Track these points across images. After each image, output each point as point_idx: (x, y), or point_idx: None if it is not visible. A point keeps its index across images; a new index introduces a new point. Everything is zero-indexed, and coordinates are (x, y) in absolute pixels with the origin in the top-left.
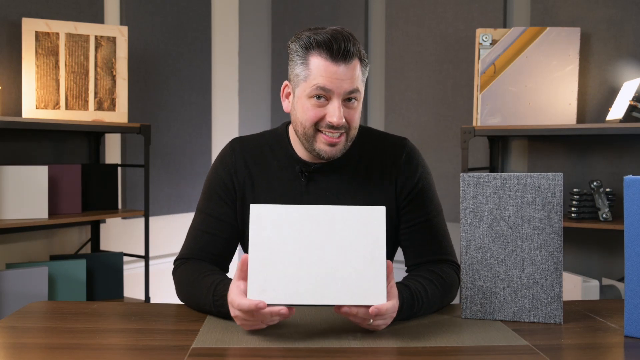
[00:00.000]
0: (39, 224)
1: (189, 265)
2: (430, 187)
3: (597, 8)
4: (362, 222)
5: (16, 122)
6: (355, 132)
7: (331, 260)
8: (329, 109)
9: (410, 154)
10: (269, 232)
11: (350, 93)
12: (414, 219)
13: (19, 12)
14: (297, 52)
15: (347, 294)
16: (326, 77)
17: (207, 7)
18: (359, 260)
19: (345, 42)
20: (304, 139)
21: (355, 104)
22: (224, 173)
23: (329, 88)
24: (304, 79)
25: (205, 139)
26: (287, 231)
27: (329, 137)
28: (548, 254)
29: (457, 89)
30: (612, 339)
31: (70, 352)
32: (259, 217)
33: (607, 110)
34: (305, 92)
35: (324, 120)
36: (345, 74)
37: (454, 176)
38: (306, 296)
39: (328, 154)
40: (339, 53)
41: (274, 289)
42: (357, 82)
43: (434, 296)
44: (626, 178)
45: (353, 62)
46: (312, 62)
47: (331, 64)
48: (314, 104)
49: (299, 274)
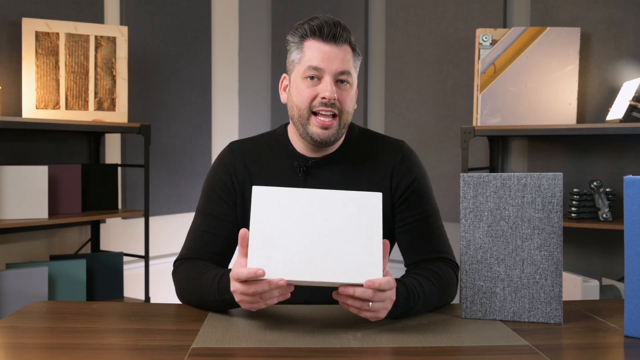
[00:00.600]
0: (39, 224)
1: (191, 264)
2: (426, 189)
3: (597, 8)
4: (360, 206)
5: (16, 122)
6: (348, 118)
7: (329, 240)
8: (321, 87)
9: (406, 155)
10: (270, 212)
11: (342, 74)
12: (409, 217)
13: (19, 12)
14: (294, 42)
15: (344, 272)
16: (317, 57)
17: (207, 7)
18: (356, 240)
19: (335, 26)
20: (299, 123)
21: (347, 86)
22: (223, 174)
23: (321, 67)
24: (298, 62)
25: (205, 139)
26: (287, 212)
27: (322, 120)
28: (548, 254)
29: (457, 89)
30: (612, 339)
31: (70, 352)
32: (261, 197)
33: (607, 110)
34: (299, 73)
35: (317, 99)
36: (336, 55)
37: (454, 176)
38: (304, 273)
39: (321, 137)
40: (329, 34)
41: (273, 266)
42: (348, 65)
43: (431, 292)
44: (626, 178)
45: (344, 46)
46: (306, 46)
47: (322, 44)
48: (307, 84)
49: (297, 252)
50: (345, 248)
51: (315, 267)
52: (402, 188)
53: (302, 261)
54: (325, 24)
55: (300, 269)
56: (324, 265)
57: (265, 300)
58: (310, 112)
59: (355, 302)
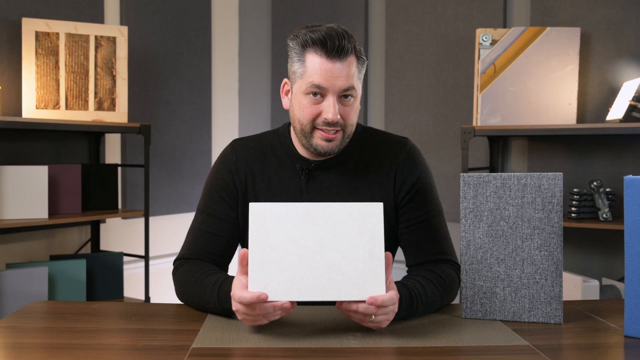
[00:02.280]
0: (39, 224)
1: (191, 265)
2: (430, 187)
3: (597, 8)
4: (360, 218)
5: (16, 122)
6: (352, 129)
7: (330, 256)
8: (324, 106)
9: (410, 153)
10: (269, 230)
11: (346, 90)
12: (413, 219)
13: (19, 12)
14: (295, 49)
15: (347, 289)
16: (321, 75)
17: (207, 7)
18: (357, 256)
19: (340, 39)
20: (302, 135)
21: (351, 100)
22: (225, 172)
23: (324, 86)
24: (300, 76)
25: (205, 139)
26: (286, 229)
27: (325, 134)
28: (548, 254)
29: (457, 89)
30: (612, 339)
31: (70, 352)
32: (258, 215)
33: (607, 110)
34: (302, 89)
35: (320, 117)
36: (340, 72)
37: (454, 176)
38: (307, 293)
39: (324, 149)
40: (333, 50)
41: (274, 287)
42: (352, 80)
43: (433, 295)
44: (626, 178)
45: (348, 59)
46: (308, 60)
47: (326, 61)
48: (310, 101)
49: (299, 270)
50: (346, 264)
51: (317, 285)
52: (406, 188)
53: (304, 280)
54: (329, 38)
55: (302, 289)
56: (326, 284)
57: (269, 318)
58: (313, 127)
59: (358, 315)
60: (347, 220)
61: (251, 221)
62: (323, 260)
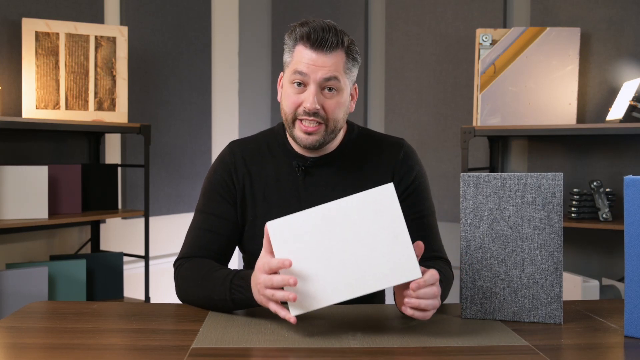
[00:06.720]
0: (39, 224)
1: (196, 262)
2: (425, 187)
3: (597, 8)
4: (375, 204)
5: (16, 122)
6: (337, 125)
7: (357, 250)
8: (305, 95)
9: (407, 153)
10: (291, 244)
11: (327, 81)
12: (409, 216)
13: (19, 12)
14: (287, 43)
15: (381, 277)
16: (303, 62)
17: (207, 7)
18: (382, 241)
19: (326, 32)
20: (287, 126)
21: (334, 93)
22: (224, 172)
23: (305, 72)
24: (287, 65)
25: (205, 139)
26: (308, 237)
27: (305, 126)
28: (548, 254)
29: (457, 89)
30: (612, 339)
31: (70, 352)
32: (277, 232)
33: (607, 110)
34: (288, 78)
35: (300, 107)
36: (324, 62)
37: (454, 176)
38: (344, 293)
39: (304, 142)
40: (316, 41)
41: (312, 297)
42: (336, 72)
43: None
44: (626, 178)
45: (335, 53)
46: (296, 50)
47: (310, 52)
48: (293, 90)
49: (331, 273)
50: (374, 253)
51: (352, 283)
52: (403, 186)
53: (338, 281)
54: (313, 30)
55: (340, 289)
56: (360, 278)
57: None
58: (295, 118)
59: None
60: (363, 210)
61: (272, 239)
62: (351, 256)
